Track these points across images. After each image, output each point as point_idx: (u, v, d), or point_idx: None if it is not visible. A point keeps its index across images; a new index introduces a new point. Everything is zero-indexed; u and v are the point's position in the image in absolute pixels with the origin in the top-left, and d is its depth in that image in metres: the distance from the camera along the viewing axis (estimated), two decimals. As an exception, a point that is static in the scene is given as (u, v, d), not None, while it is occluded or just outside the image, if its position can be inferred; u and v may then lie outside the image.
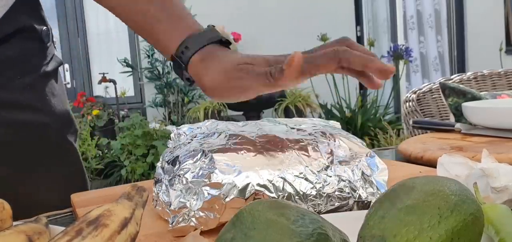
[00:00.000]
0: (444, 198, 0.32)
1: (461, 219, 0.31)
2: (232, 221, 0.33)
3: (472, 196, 0.34)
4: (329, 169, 0.55)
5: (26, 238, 0.40)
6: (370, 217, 0.34)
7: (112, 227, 0.37)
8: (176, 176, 0.54)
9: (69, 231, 0.36)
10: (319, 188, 0.53)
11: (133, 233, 0.39)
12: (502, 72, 1.86)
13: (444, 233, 0.31)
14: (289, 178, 0.53)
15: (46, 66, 0.81)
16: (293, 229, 0.30)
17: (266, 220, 0.31)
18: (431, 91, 1.78)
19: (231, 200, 0.50)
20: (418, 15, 4.95)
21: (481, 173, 0.54)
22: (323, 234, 0.31)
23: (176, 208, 0.53)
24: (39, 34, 0.80)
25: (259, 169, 0.52)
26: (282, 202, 0.33)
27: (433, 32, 4.95)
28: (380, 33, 5.12)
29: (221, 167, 0.52)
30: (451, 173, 0.60)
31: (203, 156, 0.54)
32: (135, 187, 0.43)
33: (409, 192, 0.33)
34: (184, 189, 0.53)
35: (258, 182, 0.51)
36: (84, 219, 0.37)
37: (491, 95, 1.39)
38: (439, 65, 4.92)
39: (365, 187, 0.56)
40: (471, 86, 1.77)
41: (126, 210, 0.39)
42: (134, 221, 0.39)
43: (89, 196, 0.72)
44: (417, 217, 0.31)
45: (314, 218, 0.32)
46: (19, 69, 0.77)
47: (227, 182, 0.51)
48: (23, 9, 0.77)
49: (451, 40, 4.69)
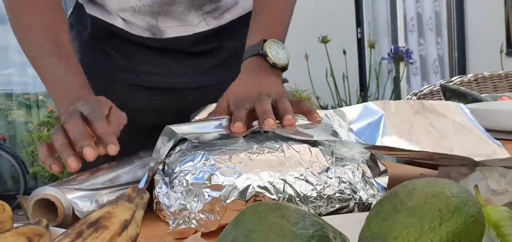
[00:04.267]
0: (445, 200, 0.32)
1: (462, 221, 0.31)
2: (233, 223, 0.33)
3: (473, 198, 0.34)
4: (329, 170, 0.55)
5: (26, 240, 0.40)
6: (371, 219, 0.33)
7: (112, 229, 0.37)
8: (176, 178, 0.54)
9: (69, 233, 0.36)
10: (319, 189, 0.53)
11: (134, 235, 0.39)
12: (503, 74, 1.86)
13: (445, 235, 0.30)
14: (289, 179, 0.53)
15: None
16: (294, 231, 0.30)
17: (267, 222, 0.31)
18: (432, 93, 1.78)
19: (232, 202, 0.50)
20: (418, 17, 4.95)
21: (482, 175, 0.54)
22: (323, 236, 0.31)
23: (177, 210, 0.52)
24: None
25: (260, 171, 0.52)
26: (283, 204, 0.33)
27: (433, 35, 4.95)
28: (381, 35, 5.12)
29: (222, 168, 0.52)
30: (451, 175, 0.60)
31: (203, 158, 0.54)
32: (135, 189, 0.43)
33: (410, 194, 0.33)
34: (185, 191, 0.53)
35: (259, 184, 0.51)
36: (84, 221, 0.37)
37: (492, 98, 1.39)
38: (438, 67, 4.92)
39: (366, 188, 0.56)
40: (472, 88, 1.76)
41: (127, 212, 0.39)
42: (134, 223, 0.39)
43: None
44: (418, 219, 0.31)
45: (315, 220, 0.32)
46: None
47: (227, 183, 0.51)
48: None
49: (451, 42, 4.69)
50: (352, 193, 0.55)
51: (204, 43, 0.93)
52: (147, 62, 0.93)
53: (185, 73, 0.94)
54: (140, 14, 0.89)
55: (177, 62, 0.93)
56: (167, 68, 0.93)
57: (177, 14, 0.89)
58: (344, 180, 0.55)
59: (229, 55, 0.95)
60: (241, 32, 0.92)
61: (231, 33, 0.95)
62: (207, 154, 0.54)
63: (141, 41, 0.91)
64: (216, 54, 0.95)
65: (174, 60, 0.93)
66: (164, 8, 0.88)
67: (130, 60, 0.91)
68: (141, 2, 0.87)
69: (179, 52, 0.92)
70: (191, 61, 0.94)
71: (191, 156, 0.55)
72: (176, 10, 0.89)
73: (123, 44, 0.91)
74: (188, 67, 0.94)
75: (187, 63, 0.93)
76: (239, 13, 0.95)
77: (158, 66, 0.93)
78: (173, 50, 0.92)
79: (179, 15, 0.90)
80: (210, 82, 0.94)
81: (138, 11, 0.88)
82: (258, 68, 0.75)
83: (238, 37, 0.94)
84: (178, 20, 0.90)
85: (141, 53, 0.92)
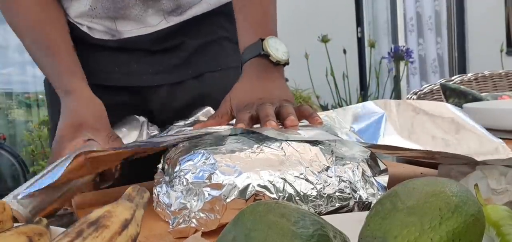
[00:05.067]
0: (445, 199, 0.32)
1: (462, 220, 0.31)
2: (233, 222, 0.33)
3: (473, 197, 0.34)
4: (329, 169, 0.55)
5: (26, 239, 0.40)
6: (371, 218, 0.33)
7: (112, 228, 0.37)
8: (176, 177, 0.54)
9: (69, 232, 0.36)
10: (319, 188, 0.53)
11: (134, 234, 0.39)
12: (503, 73, 1.86)
13: (445, 234, 0.30)
14: (289, 178, 0.53)
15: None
16: (294, 230, 0.30)
17: (267, 221, 0.31)
18: (432, 93, 1.78)
19: (232, 201, 0.50)
20: (418, 17, 4.95)
21: (482, 174, 0.54)
22: (323, 235, 0.31)
23: (177, 209, 0.52)
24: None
25: (260, 170, 0.52)
26: (283, 203, 0.33)
27: (432, 34, 4.94)
28: (381, 34, 5.12)
29: (222, 167, 0.52)
30: (451, 174, 0.60)
31: (203, 157, 0.54)
32: (135, 188, 0.43)
33: (410, 193, 0.33)
34: (185, 190, 0.53)
35: (259, 183, 0.51)
36: (84, 220, 0.37)
37: (492, 97, 1.39)
38: (437, 67, 4.91)
39: (366, 188, 0.56)
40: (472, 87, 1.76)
41: (127, 211, 0.39)
42: (134, 222, 0.39)
43: (91, 198, 0.72)
44: (418, 218, 0.31)
45: (315, 219, 0.32)
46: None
47: (227, 182, 0.51)
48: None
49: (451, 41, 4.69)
50: (352, 192, 0.55)
51: (164, 41, 0.92)
52: (106, 62, 0.92)
53: (146, 72, 0.93)
54: (99, 19, 0.89)
55: (137, 61, 0.92)
56: (127, 67, 0.92)
57: (134, 16, 0.88)
58: (344, 179, 0.55)
59: (191, 53, 0.94)
60: (204, 29, 0.91)
61: (194, 29, 0.93)
62: (207, 153, 0.54)
63: (102, 43, 0.91)
64: (177, 51, 0.93)
65: (133, 58, 0.92)
66: (119, 12, 0.87)
67: (91, 61, 0.90)
68: (95, 10, 0.87)
69: (139, 51, 0.92)
70: (151, 59, 0.92)
71: (191, 154, 0.55)
72: (132, 13, 0.88)
73: (85, 47, 0.90)
74: (149, 65, 0.93)
75: (147, 61, 0.92)
76: (203, 9, 0.93)
77: (118, 65, 0.92)
78: (133, 49, 0.91)
79: (137, 17, 0.88)
80: (173, 80, 0.93)
81: (94, 16, 0.88)
82: (262, 70, 0.74)
83: (201, 34, 0.93)
84: (136, 22, 0.89)
85: (101, 54, 0.92)
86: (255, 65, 0.75)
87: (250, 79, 0.74)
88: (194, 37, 0.93)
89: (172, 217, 0.53)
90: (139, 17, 0.88)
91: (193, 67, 0.94)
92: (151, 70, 0.93)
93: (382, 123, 0.63)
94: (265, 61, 0.74)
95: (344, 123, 0.64)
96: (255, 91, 0.71)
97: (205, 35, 0.92)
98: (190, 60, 0.94)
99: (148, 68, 0.93)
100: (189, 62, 0.94)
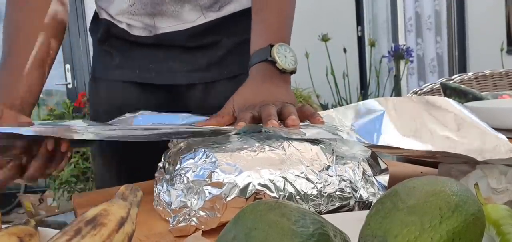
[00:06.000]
0: (445, 198, 0.32)
1: (462, 220, 0.31)
2: (233, 221, 0.33)
3: (473, 197, 0.34)
4: (330, 168, 0.55)
5: (17, 239, 0.40)
6: (371, 217, 0.33)
7: (110, 226, 0.37)
8: (177, 175, 0.54)
9: (67, 231, 0.36)
10: (320, 187, 0.53)
11: (130, 232, 0.39)
12: (503, 72, 1.86)
13: (445, 234, 0.30)
14: (290, 177, 0.53)
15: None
16: (294, 229, 0.30)
17: (267, 220, 0.31)
18: (432, 92, 1.78)
19: (232, 200, 0.50)
20: (417, 16, 4.95)
21: (482, 173, 0.54)
22: (324, 234, 0.31)
23: (177, 207, 0.52)
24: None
25: (260, 168, 0.52)
26: (283, 202, 0.33)
27: (432, 34, 4.94)
28: (381, 34, 5.12)
29: (222, 166, 0.52)
30: (452, 173, 0.60)
31: (204, 155, 0.54)
32: (128, 187, 0.43)
33: (410, 193, 0.33)
34: (185, 188, 0.53)
35: (259, 182, 0.51)
36: (81, 219, 0.37)
37: (492, 96, 1.39)
38: (436, 67, 4.91)
39: (366, 187, 0.56)
40: (472, 86, 1.76)
41: (122, 209, 0.39)
42: (130, 220, 0.39)
43: (91, 197, 0.73)
44: (418, 217, 0.31)
45: (315, 219, 0.32)
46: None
47: (228, 181, 0.51)
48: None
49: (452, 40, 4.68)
50: (352, 191, 0.55)
51: (201, 37, 0.92)
52: (142, 59, 0.93)
53: (181, 69, 0.93)
54: (138, 16, 0.90)
55: (172, 58, 0.93)
56: (162, 64, 0.93)
57: (172, 12, 0.90)
58: (344, 178, 0.55)
59: (227, 51, 0.94)
60: (241, 27, 0.92)
61: (231, 27, 0.93)
62: (208, 151, 0.54)
63: (139, 40, 0.92)
64: (213, 49, 0.93)
65: (169, 56, 0.93)
66: (157, 8, 0.89)
67: (127, 58, 0.92)
68: (134, 6, 0.89)
69: (175, 48, 0.92)
70: (187, 57, 0.93)
71: (192, 153, 0.55)
72: (169, 9, 0.89)
73: (123, 44, 0.92)
74: (184, 63, 0.93)
75: (183, 59, 0.93)
76: (242, 6, 0.94)
77: (153, 62, 0.93)
78: (169, 46, 0.92)
79: (174, 13, 0.90)
80: (208, 79, 0.94)
81: (134, 13, 0.90)
82: (267, 75, 0.74)
83: (237, 33, 0.93)
84: (174, 18, 0.90)
85: (138, 52, 0.93)
86: (261, 70, 0.75)
87: (255, 83, 0.74)
88: (231, 36, 0.93)
89: (173, 216, 0.53)
90: (176, 13, 0.90)
91: (228, 68, 0.94)
92: (186, 69, 0.93)
93: (383, 120, 0.63)
94: (271, 67, 0.74)
95: (344, 121, 0.64)
96: (258, 94, 0.71)
97: (242, 33, 0.91)
98: (225, 59, 0.94)
99: (183, 66, 0.93)
100: (224, 61, 0.94)
